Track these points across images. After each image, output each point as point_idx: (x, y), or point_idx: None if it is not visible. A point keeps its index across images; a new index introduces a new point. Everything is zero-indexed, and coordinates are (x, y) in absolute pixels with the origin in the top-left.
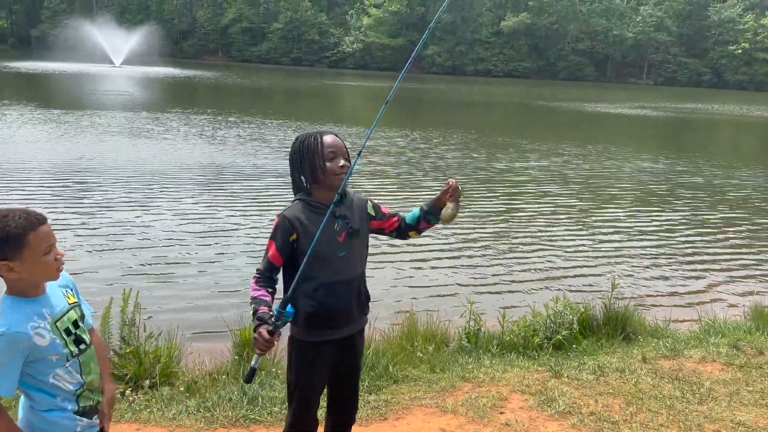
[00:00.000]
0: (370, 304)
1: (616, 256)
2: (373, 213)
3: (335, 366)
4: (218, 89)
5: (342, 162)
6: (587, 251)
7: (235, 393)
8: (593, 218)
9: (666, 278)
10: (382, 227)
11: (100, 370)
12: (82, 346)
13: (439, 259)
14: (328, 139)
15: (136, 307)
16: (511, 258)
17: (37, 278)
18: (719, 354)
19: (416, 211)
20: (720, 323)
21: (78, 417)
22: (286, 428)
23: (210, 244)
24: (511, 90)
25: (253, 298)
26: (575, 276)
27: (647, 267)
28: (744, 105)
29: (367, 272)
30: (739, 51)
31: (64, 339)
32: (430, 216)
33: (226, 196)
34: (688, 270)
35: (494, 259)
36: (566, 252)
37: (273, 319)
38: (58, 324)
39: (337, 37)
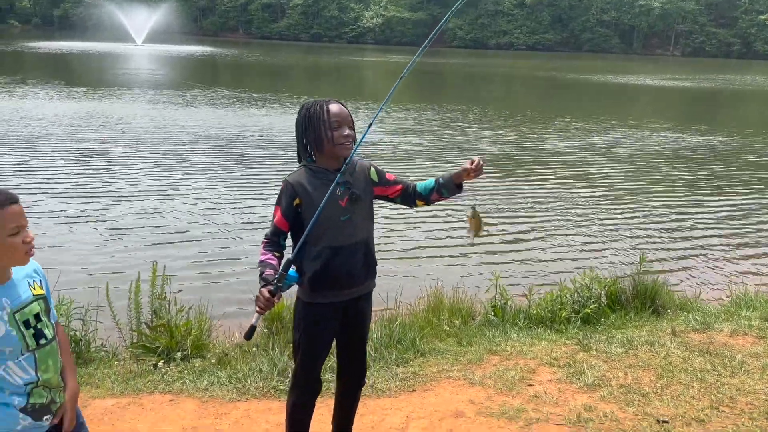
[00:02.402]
0: (395, 276)
1: (645, 231)
2: (375, 179)
3: (341, 331)
4: (240, 67)
5: (347, 131)
6: (615, 226)
7: (266, 365)
8: (621, 192)
9: (695, 252)
10: (386, 193)
11: (63, 368)
12: (42, 341)
13: (465, 233)
14: (333, 107)
15: (165, 281)
16: (537, 232)
17: (1, 261)
18: (751, 327)
19: (431, 181)
20: (751, 296)
21: (22, 415)
22: (291, 385)
23: (236, 219)
24: (535, 63)
25: (261, 262)
26: (603, 250)
27: (676, 241)
28: None
29: (393, 246)
30: None
31: (21, 332)
32: (444, 190)
33: (252, 171)
34: (718, 244)
35: (520, 233)
36: (594, 226)
37: (275, 281)
38: (17, 315)
39: (356, 12)
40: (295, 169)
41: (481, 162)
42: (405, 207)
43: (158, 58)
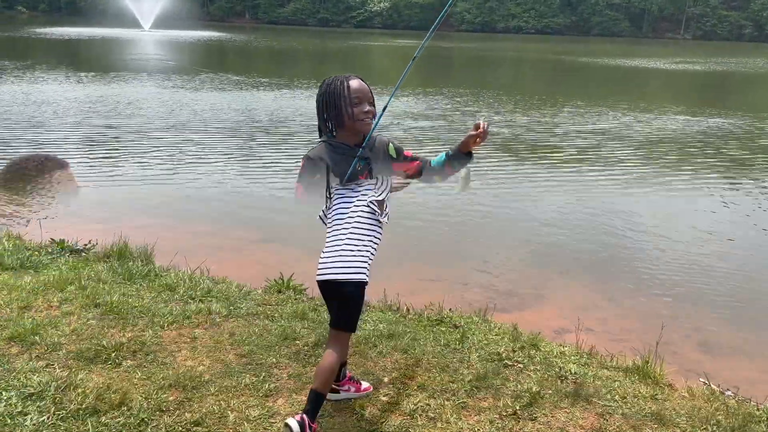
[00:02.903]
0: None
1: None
2: (394, 155)
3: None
4: (248, 52)
5: (367, 107)
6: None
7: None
8: (633, 176)
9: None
10: (403, 170)
11: None
12: None
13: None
14: (354, 83)
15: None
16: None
17: None
18: None
19: (442, 155)
20: None
21: None
22: None
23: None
24: (545, 47)
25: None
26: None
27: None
28: None
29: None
30: None
31: None
32: (455, 161)
33: (262, 155)
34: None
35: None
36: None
37: None
38: None
39: None
40: (315, 144)
41: (486, 125)
42: (420, 185)
43: (166, 44)
